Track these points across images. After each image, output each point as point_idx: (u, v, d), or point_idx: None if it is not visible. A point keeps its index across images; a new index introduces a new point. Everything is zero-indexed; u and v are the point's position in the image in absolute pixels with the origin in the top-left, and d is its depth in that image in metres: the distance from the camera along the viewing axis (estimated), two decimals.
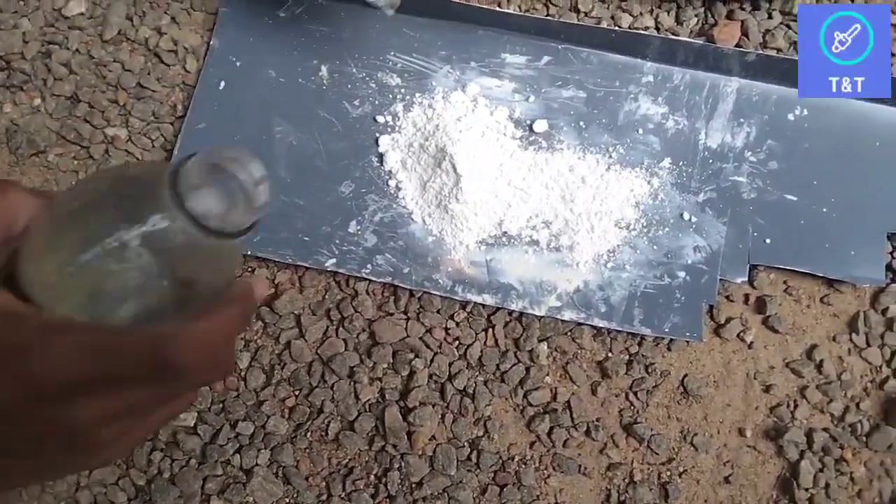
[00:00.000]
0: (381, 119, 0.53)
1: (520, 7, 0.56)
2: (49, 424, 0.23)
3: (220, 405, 0.49)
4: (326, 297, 0.51)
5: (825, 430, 0.50)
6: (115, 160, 0.52)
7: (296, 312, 0.50)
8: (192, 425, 0.48)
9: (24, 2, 0.54)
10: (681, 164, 0.53)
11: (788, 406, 0.51)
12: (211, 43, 0.54)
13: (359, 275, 0.50)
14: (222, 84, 0.53)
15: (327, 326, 0.50)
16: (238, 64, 0.54)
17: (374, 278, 0.50)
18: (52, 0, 0.54)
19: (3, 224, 0.25)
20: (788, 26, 0.56)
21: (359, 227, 0.51)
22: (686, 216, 0.52)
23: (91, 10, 0.55)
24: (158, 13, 0.55)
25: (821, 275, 0.52)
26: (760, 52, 0.54)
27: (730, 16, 0.55)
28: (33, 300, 0.23)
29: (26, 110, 0.53)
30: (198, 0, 0.55)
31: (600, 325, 0.50)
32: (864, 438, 0.50)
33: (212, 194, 0.22)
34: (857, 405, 0.51)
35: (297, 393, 0.49)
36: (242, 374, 0.49)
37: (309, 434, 0.49)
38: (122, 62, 0.54)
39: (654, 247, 0.51)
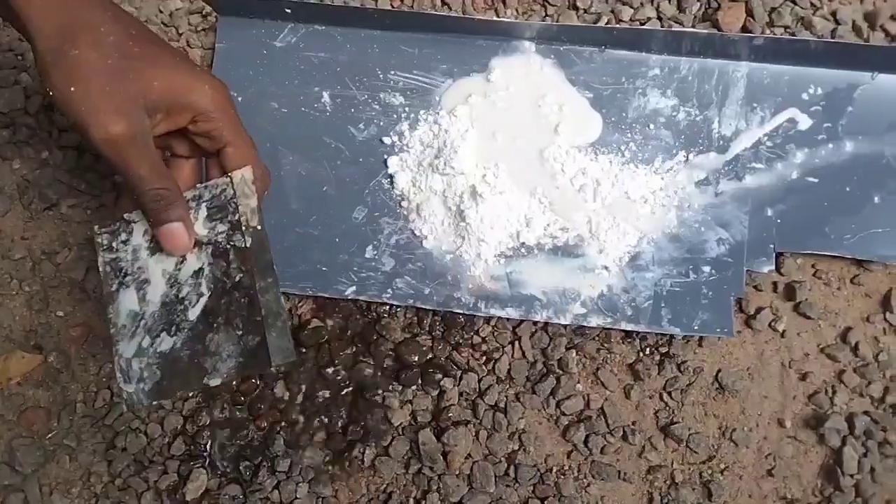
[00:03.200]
0: (387, 140, 0.51)
1: (517, 10, 0.54)
2: None
3: (262, 440, 0.47)
4: (349, 323, 0.49)
5: (866, 413, 0.48)
6: None
7: (321, 342, 0.49)
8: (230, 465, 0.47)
9: (21, 56, 0.53)
10: (696, 155, 0.51)
11: (826, 392, 0.49)
12: None
13: (380, 300, 0.48)
14: None
15: (354, 353, 0.49)
16: (240, 99, 0.52)
17: (395, 302, 0.49)
18: None
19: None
20: (794, 2, 0.53)
21: (375, 252, 0.49)
22: (706, 209, 0.50)
23: None
24: None
25: (850, 256, 0.49)
26: (768, 33, 0.52)
27: None
28: None
29: (35, 165, 0.52)
30: (194, 37, 0.54)
31: (628, 328, 0.48)
32: None
33: None
34: None
35: (329, 422, 0.48)
36: (279, 405, 0.48)
37: (346, 463, 0.47)
38: None
39: (676, 244, 0.49)
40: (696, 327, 0.48)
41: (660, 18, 0.54)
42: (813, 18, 0.53)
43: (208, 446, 0.48)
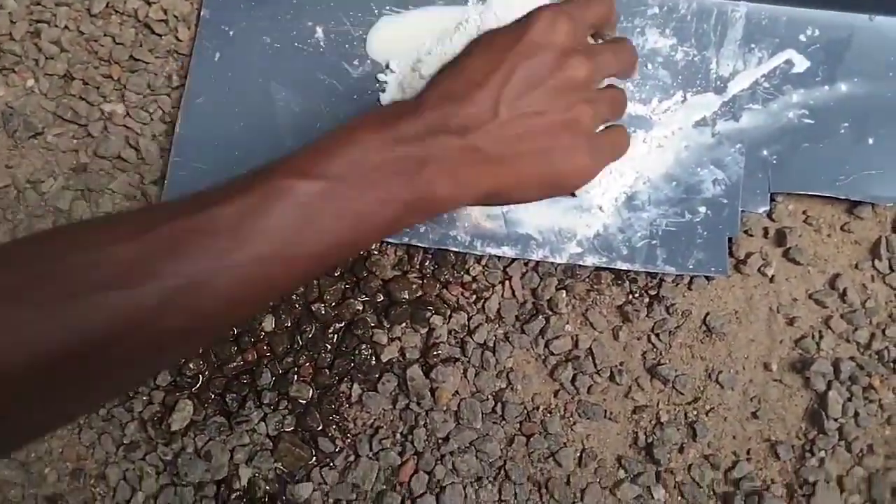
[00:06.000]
0: (382, 77, 0.48)
1: None
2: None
3: (248, 374, 0.45)
4: None
5: (851, 358, 0.46)
6: (115, 136, 0.48)
7: None
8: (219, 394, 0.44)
9: None
10: (693, 95, 0.48)
11: (813, 337, 0.46)
12: (202, 14, 0.49)
13: None
14: (217, 55, 0.48)
15: (344, 289, 0.46)
16: (231, 33, 0.48)
17: (391, 240, 0.46)
18: None
19: None
20: None
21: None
22: (703, 149, 0.47)
23: None
24: None
25: (843, 197, 0.47)
26: None
27: None
28: None
29: (20, 92, 0.48)
30: None
31: (623, 267, 0.46)
32: (892, 365, 0.46)
33: None
34: (883, 332, 0.46)
35: (317, 357, 0.45)
36: (266, 339, 0.45)
37: (333, 397, 0.44)
38: (112, 36, 0.49)
39: (673, 184, 0.47)
40: (690, 266, 0.46)
41: None
42: None
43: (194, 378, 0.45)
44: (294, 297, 0.46)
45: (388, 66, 0.48)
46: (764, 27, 0.49)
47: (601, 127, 0.38)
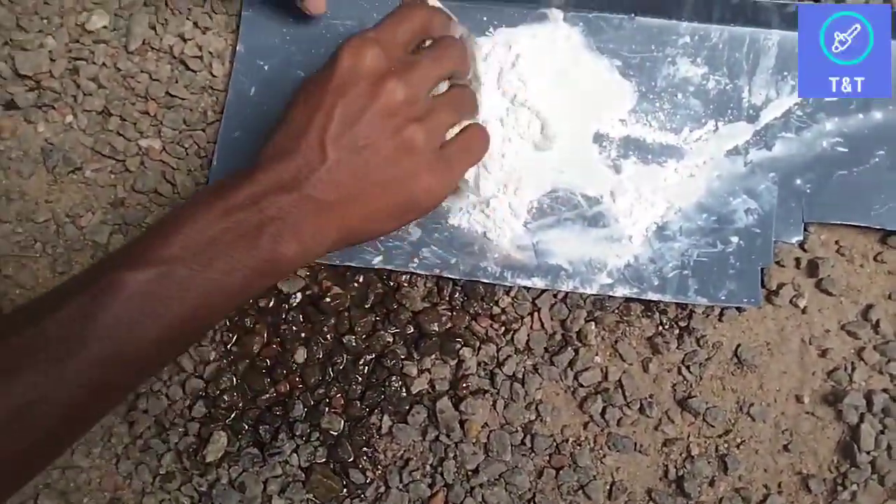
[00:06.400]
0: None
1: None
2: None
3: (281, 405, 0.45)
4: (370, 292, 0.47)
5: (885, 391, 0.45)
6: (151, 171, 0.48)
7: (341, 310, 0.46)
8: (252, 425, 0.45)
9: (47, 20, 0.50)
10: (726, 124, 0.48)
11: (846, 369, 0.46)
12: (237, 48, 0.49)
13: (407, 270, 0.46)
14: (252, 90, 0.49)
15: (374, 321, 0.46)
16: (266, 67, 0.49)
17: (422, 272, 0.46)
18: (75, 16, 0.50)
19: None
20: None
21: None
22: (735, 178, 0.47)
23: (114, 23, 0.50)
24: (181, 19, 0.50)
25: (878, 227, 0.46)
26: (801, 1, 0.47)
27: None
28: None
29: (59, 128, 0.49)
30: (218, 3, 0.50)
31: (654, 298, 0.45)
32: None
33: None
34: None
35: (348, 388, 0.45)
36: (299, 371, 0.46)
37: (364, 429, 0.45)
38: (149, 72, 0.50)
39: (704, 214, 0.46)
40: (722, 297, 0.45)
41: None
42: None
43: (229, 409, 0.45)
44: (325, 329, 0.46)
45: None
46: (797, 55, 0.48)
47: (456, 130, 0.38)
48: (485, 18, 0.48)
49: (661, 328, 0.46)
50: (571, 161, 0.47)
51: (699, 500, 0.44)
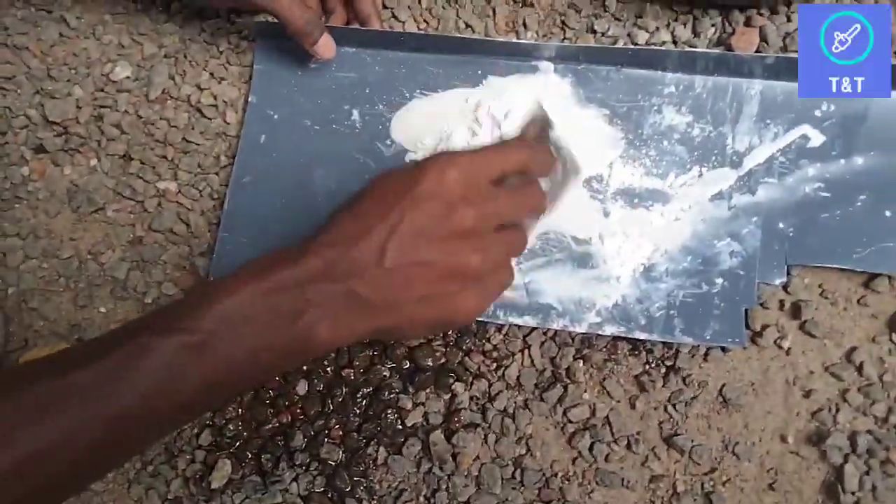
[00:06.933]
0: (412, 156, 0.50)
1: (537, 33, 0.52)
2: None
3: (283, 435, 0.47)
4: None
5: (869, 432, 0.46)
6: (168, 211, 0.51)
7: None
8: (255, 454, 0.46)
9: (74, 70, 0.53)
10: (710, 170, 0.49)
11: (830, 410, 0.46)
12: (249, 99, 0.52)
13: None
14: (263, 137, 0.51)
15: (372, 355, 0.48)
16: (276, 117, 0.52)
17: None
18: (101, 66, 0.53)
19: None
20: None
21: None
22: (719, 222, 0.48)
23: (136, 73, 0.53)
24: (198, 70, 0.53)
25: (860, 270, 0.47)
26: (781, 53, 0.49)
27: (748, 22, 0.50)
28: None
29: (84, 171, 0.52)
30: (233, 55, 0.53)
31: (641, 337, 0.46)
32: None
33: None
34: None
35: (346, 420, 0.47)
36: (300, 402, 0.47)
37: (361, 460, 0.46)
38: (167, 119, 0.52)
39: (690, 256, 0.48)
40: (708, 337, 0.46)
41: (675, 42, 0.51)
42: None
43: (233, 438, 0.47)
44: (325, 362, 0.48)
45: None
46: (779, 103, 0.49)
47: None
48: (479, 72, 0.50)
49: (647, 367, 0.47)
50: (563, 206, 0.49)
51: None
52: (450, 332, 0.48)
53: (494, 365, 0.48)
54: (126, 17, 0.55)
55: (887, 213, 0.47)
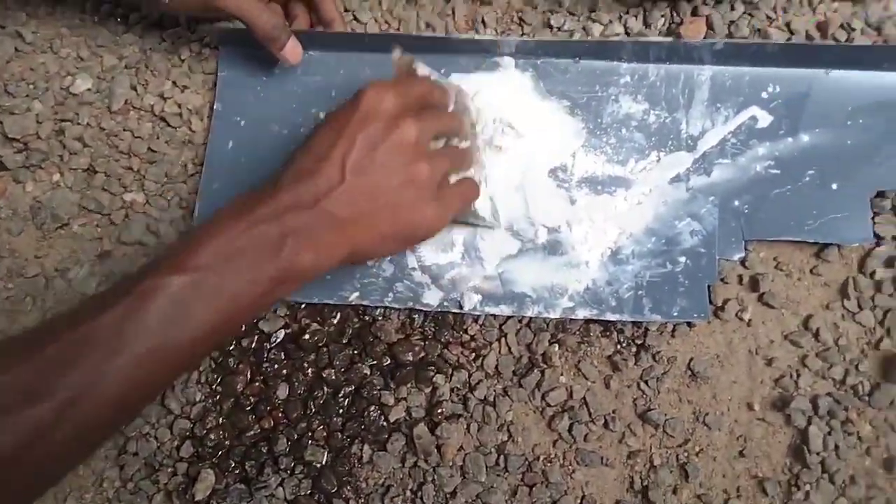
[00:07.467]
0: None
1: (496, 30, 0.53)
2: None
3: (266, 441, 0.46)
4: (346, 327, 0.48)
5: (829, 394, 0.48)
6: (136, 223, 0.50)
7: (321, 344, 0.48)
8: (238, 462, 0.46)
9: (32, 85, 0.52)
10: (667, 155, 0.51)
11: (791, 376, 0.48)
12: (215, 107, 0.52)
13: (382, 304, 0.48)
14: (230, 144, 0.51)
15: (352, 354, 0.48)
16: (242, 123, 0.51)
17: (396, 306, 0.48)
18: (60, 80, 0.52)
19: None
20: (751, 15, 0.52)
21: (375, 259, 0.48)
22: (679, 204, 0.50)
23: (97, 85, 0.52)
24: (160, 80, 0.52)
25: (812, 241, 0.49)
26: (728, 39, 0.51)
27: (695, 12, 0.52)
28: None
29: (47, 187, 0.51)
30: (196, 63, 0.53)
31: (612, 318, 0.48)
32: (867, 398, 0.47)
33: None
34: (857, 367, 0.48)
35: (329, 420, 0.47)
36: (281, 406, 0.47)
37: (346, 459, 0.46)
38: (131, 130, 0.52)
39: (653, 237, 0.49)
40: (675, 314, 0.47)
41: (627, 34, 0.53)
42: (769, 29, 0.52)
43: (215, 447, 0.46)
44: (305, 364, 0.48)
45: None
46: (728, 88, 0.51)
47: (453, 179, 0.42)
48: (442, 70, 0.51)
49: (619, 346, 0.49)
50: (531, 196, 0.49)
51: None
52: (427, 326, 0.49)
53: (473, 355, 0.48)
54: (84, 29, 0.53)
55: (833, 187, 0.49)
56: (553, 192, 0.50)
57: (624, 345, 0.49)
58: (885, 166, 0.49)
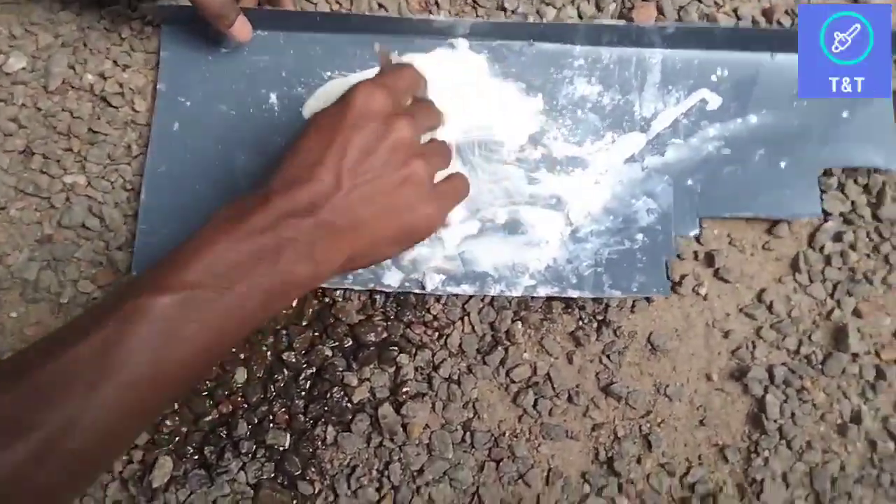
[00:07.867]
0: None
1: (449, 12, 0.55)
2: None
3: (225, 426, 0.47)
4: (305, 308, 0.49)
5: (784, 364, 0.51)
6: (78, 206, 0.50)
7: (279, 327, 0.49)
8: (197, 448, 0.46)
9: None
10: (622, 136, 0.53)
11: (747, 347, 0.51)
12: (158, 87, 0.51)
13: (342, 286, 0.49)
14: (176, 125, 0.51)
15: (312, 336, 0.49)
16: (188, 104, 0.51)
17: (357, 287, 0.49)
18: None
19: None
20: (700, 0, 0.56)
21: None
22: (635, 183, 0.52)
23: (32, 64, 0.52)
24: (100, 58, 0.52)
25: (764, 217, 0.52)
26: (678, 23, 0.54)
27: None
28: None
29: None
30: (137, 42, 0.53)
31: (574, 295, 0.49)
32: (820, 367, 0.51)
33: None
34: (809, 337, 0.51)
35: (290, 403, 0.47)
36: (240, 391, 0.47)
37: (309, 441, 0.47)
38: (70, 110, 0.51)
39: (611, 216, 0.51)
40: (634, 289, 0.50)
41: (580, 17, 0.56)
42: (717, 15, 0.56)
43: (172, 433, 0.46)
44: (264, 347, 0.48)
45: None
46: (679, 70, 0.54)
47: (442, 175, 0.43)
48: (396, 51, 0.53)
49: (581, 323, 0.51)
50: (490, 176, 0.52)
51: (629, 477, 0.48)
52: (389, 307, 0.50)
53: (436, 334, 0.50)
54: (16, 6, 0.52)
55: (782, 165, 0.53)
56: (512, 171, 0.52)
57: (585, 321, 0.51)
58: (831, 146, 0.53)
